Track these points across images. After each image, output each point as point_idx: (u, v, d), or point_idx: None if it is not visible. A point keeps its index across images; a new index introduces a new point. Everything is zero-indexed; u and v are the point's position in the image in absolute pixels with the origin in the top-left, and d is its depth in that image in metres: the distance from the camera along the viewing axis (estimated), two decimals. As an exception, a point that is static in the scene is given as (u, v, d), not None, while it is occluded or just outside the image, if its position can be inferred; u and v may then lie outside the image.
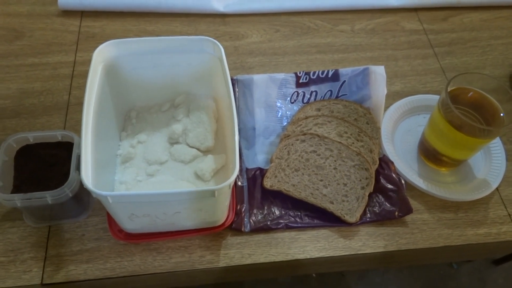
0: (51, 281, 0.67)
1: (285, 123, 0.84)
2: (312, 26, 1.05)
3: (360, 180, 0.74)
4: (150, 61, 0.74)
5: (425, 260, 0.81)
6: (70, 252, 0.70)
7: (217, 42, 0.72)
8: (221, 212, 0.66)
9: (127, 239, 0.69)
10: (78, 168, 0.64)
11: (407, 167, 0.81)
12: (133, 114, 0.80)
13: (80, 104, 0.85)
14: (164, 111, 0.80)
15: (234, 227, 0.72)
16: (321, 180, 0.74)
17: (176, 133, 0.75)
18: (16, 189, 0.66)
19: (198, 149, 0.75)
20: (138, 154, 0.75)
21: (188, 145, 0.75)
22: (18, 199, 0.61)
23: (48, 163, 0.67)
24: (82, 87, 0.88)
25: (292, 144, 0.77)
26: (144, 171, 0.73)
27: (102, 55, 0.71)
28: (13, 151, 0.68)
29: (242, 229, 0.72)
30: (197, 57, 0.75)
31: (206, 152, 0.76)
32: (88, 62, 0.93)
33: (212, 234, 0.72)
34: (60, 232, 0.71)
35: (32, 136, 0.68)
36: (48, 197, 0.62)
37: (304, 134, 0.77)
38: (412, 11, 1.10)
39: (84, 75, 0.90)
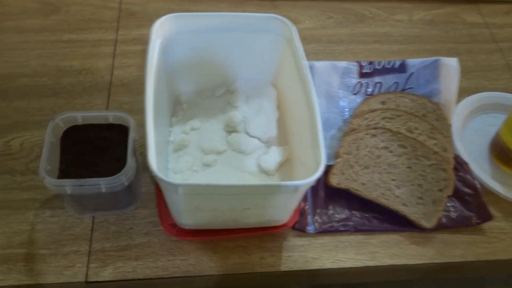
0: (96, 278, 0.60)
1: (347, 116, 0.77)
2: (367, 14, 0.98)
3: (438, 181, 0.67)
4: (210, 40, 0.67)
5: (501, 272, 0.74)
6: (117, 247, 0.63)
7: (288, 21, 0.65)
8: (290, 210, 0.59)
9: (181, 236, 0.62)
10: (134, 153, 0.58)
11: (480, 169, 0.74)
12: (184, 98, 0.73)
13: (123, 85, 0.79)
14: (218, 97, 0.73)
15: (297, 228, 0.65)
16: (394, 180, 0.67)
17: (235, 121, 0.68)
18: (63, 173, 0.59)
19: (259, 139, 0.68)
20: (192, 141, 0.68)
21: (248, 134, 0.68)
22: (69, 186, 0.54)
23: (98, 146, 0.60)
24: (126, 67, 0.82)
25: (361, 139, 0.70)
26: (200, 160, 0.66)
27: (160, 30, 0.64)
28: (60, 132, 0.61)
29: (306, 230, 0.65)
30: (262, 38, 0.68)
31: (267, 143, 0.69)
32: (130, 41, 0.87)
33: (272, 234, 0.65)
34: (106, 224, 0.64)
35: (81, 116, 0.61)
36: (103, 185, 0.55)
37: (375, 128, 0.70)
38: (472, 2, 1.03)
39: (127, 54, 0.84)
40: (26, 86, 0.78)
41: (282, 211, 0.58)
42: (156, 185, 0.67)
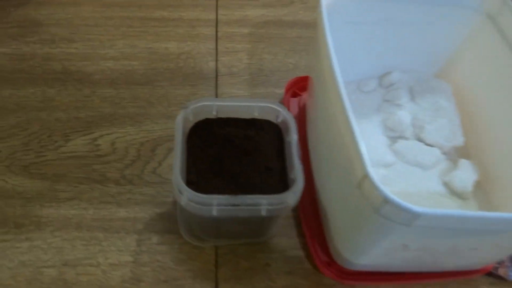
0: (231, 338, 0.42)
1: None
2: None
3: None
4: (379, 13, 0.50)
5: None
6: (254, 291, 0.45)
7: (493, -11, 0.48)
8: (513, 252, 0.42)
9: (347, 279, 0.44)
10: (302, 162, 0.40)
11: None
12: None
13: (233, 74, 0.62)
14: (367, 92, 0.56)
15: (495, 274, 0.47)
16: None
17: (403, 124, 0.51)
18: (192, 187, 0.41)
19: (439, 149, 0.50)
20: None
21: (423, 141, 0.51)
22: (218, 206, 0.37)
23: (241, 149, 0.43)
24: (233, 53, 0.65)
25: None
26: (361, 175, 0.48)
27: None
28: (186, 128, 0.44)
29: (507, 277, 0.47)
30: (446, 14, 0.51)
31: (448, 154, 0.51)
32: (234, 22, 0.70)
33: (458, 280, 0.47)
34: (234, 258, 0.47)
35: (217, 106, 0.44)
36: (264, 206, 0.37)
37: None
38: None
39: (233, 37, 0.67)
40: (112, 70, 0.61)
41: (507, 251, 0.41)
42: (303, 207, 0.49)
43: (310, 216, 0.48)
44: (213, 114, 0.44)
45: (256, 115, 0.44)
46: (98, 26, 0.66)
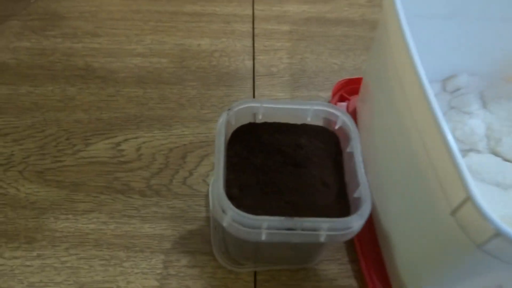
0: None
1: None
2: None
3: None
4: (451, 5, 0.43)
5: None
6: (301, 329, 0.38)
7: None
8: None
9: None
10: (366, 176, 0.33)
11: None
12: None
13: (272, 75, 0.56)
14: (429, 97, 0.49)
15: None
16: None
17: (476, 135, 0.44)
18: (233, 203, 0.34)
19: (520, 166, 0.43)
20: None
21: (500, 156, 0.43)
22: (269, 229, 0.30)
23: (292, 160, 0.36)
24: (271, 52, 0.59)
25: None
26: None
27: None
28: (228, 133, 0.37)
29: None
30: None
31: (530, 172, 0.43)
32: (273, 18, 0.64)
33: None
34: (276, 286, 0.40)
35: (263, 109, 0.37)
36: (324, 231, 0.30)
37: None
38: None
39: (271, 35, 0.61)
40: (139, 68, 0.55)
41: None
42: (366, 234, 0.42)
43: (366, 240, 0.41)
44: (258, 118, 0.37)
45: (309, 120, 0.37)
46: (124, 20, 0.61)
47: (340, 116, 0.36)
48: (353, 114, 0.51)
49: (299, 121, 0.38)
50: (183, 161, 0.47)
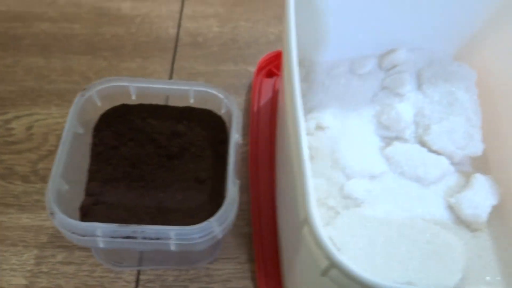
0: None
1: None
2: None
3: None
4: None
5: None
6: (181, 336, 0.34)
7: None
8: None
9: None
10: (237, 173, 0.28)
11: None
12: (300, 73, 0.43)
13: (197, 45, 0.50)
14: (362, 75, 0.43)
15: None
16: None
17: (402, 121, 0.38)
18: (92, 199, 0.30)
19: (449, 158, 0.37)
20: (320, 151, 0.38)
21: (428, 147, 0.37)
22: (104, 237, 0.25)
23: (166, 149, 0.31)
24: (201, 18, 0.52)
25: None
26: (337, 189, 0.36)
27: None
28: (94, 116, 0.32)
29: None
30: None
31: (460, 165, 0.38)
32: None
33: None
34: (159, 287, 0.36)
35: (136, 88, 0.31)
36: (173, 240, 0.25)
37: None
38: None
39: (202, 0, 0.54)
40: (46, 34, 0.49)
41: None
42: (256, 228, 0.37)
43: (267, 239, 0.36)
44: (132, 98, 0.32)
45: (192, 102, 0.32)
46: (38, -21, 0.54)
47: (223, 99, 0.31)
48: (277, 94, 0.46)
49: (181, 103, 0.32)
50: (79, 142, 0.42)
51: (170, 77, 0.47)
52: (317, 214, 0.19)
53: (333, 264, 0.18)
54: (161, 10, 0.53)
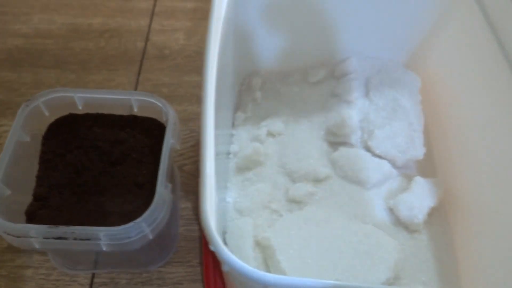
0: None
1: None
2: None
3: None
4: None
5: None
6: (129, 336, 0.35)
7: None
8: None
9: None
10: (171, 175, 0.30)
11: None
12: (256, 82, 0.45)
13: (163, 58, 0.52)
14: (315, 83, 0.44)
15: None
16: None
17: (347, 127, 0.39)
18: (38, 204, 0.31)
19: (391, 162, 0.38)
20: (269, 157, 0.39)
21: (371, 151, 0.39)
22: (37, 238, 0.27)
23: (108, 156, 0.33)
24: (169, 32, 0.55)
25: None
26: (283, 192, 0.37)
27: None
28: (42, 126, 0.34)
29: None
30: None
31: (404, 168, 0.39)
32: (178, -6, 0.59)
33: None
34: (113, 291, 0.37)
35: (82, 99, 0.33)
36: (104, 240, 0.27)
37: None
38: None
39: (173, 13, 0.56)
40: (19, 49, 0.52)
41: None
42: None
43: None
44: (78, 108, 0.34)
45: (136, 111, 0.34)
46: (15, -4, 0.57)
47: (162, 108, 0.33)
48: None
49: (126, 112, 0.34)
50: (44, 151, 0.44)
51: (135, 89, 0.49)
52: (212, 218, 0.20)
53: (224, 261, 0.19)
54: (130, 25, 0.55)
